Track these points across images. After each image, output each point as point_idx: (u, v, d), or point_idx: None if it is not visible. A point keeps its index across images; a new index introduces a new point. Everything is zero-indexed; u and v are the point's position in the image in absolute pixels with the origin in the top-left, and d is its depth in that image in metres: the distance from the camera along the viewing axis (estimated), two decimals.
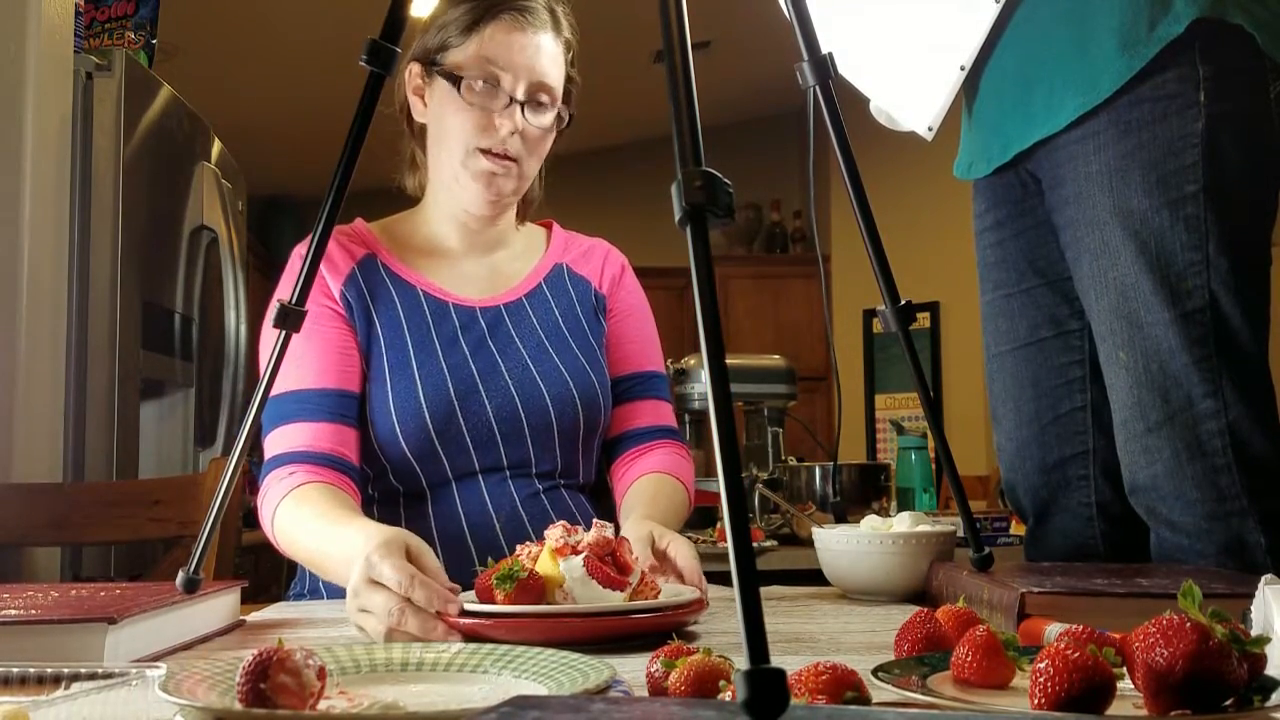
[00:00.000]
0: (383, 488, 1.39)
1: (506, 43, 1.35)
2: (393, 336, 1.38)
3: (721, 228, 0.65)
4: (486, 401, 1.37)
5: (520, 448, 1.39)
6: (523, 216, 1.52)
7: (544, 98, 1.37)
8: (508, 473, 1.39)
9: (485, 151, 1.36)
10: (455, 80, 1.35)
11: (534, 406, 1.39)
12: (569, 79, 1.42)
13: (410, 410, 1.34)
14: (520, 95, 1.36)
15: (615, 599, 0.96)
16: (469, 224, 1.46)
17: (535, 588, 0.96)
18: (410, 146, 1.48)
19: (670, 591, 1.04)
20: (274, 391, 1.30)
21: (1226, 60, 1.23)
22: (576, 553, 0.97)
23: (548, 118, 1.39)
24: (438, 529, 1.34)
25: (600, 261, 1.55)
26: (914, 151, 2.05)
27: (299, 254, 1.38)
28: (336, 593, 1.35)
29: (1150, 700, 0.60)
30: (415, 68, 1.41)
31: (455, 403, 1.36)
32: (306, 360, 1.35)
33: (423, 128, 1.44)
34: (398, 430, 1.34)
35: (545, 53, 1.37)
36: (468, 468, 1.37)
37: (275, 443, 1.34)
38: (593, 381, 1.44)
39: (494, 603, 0.96)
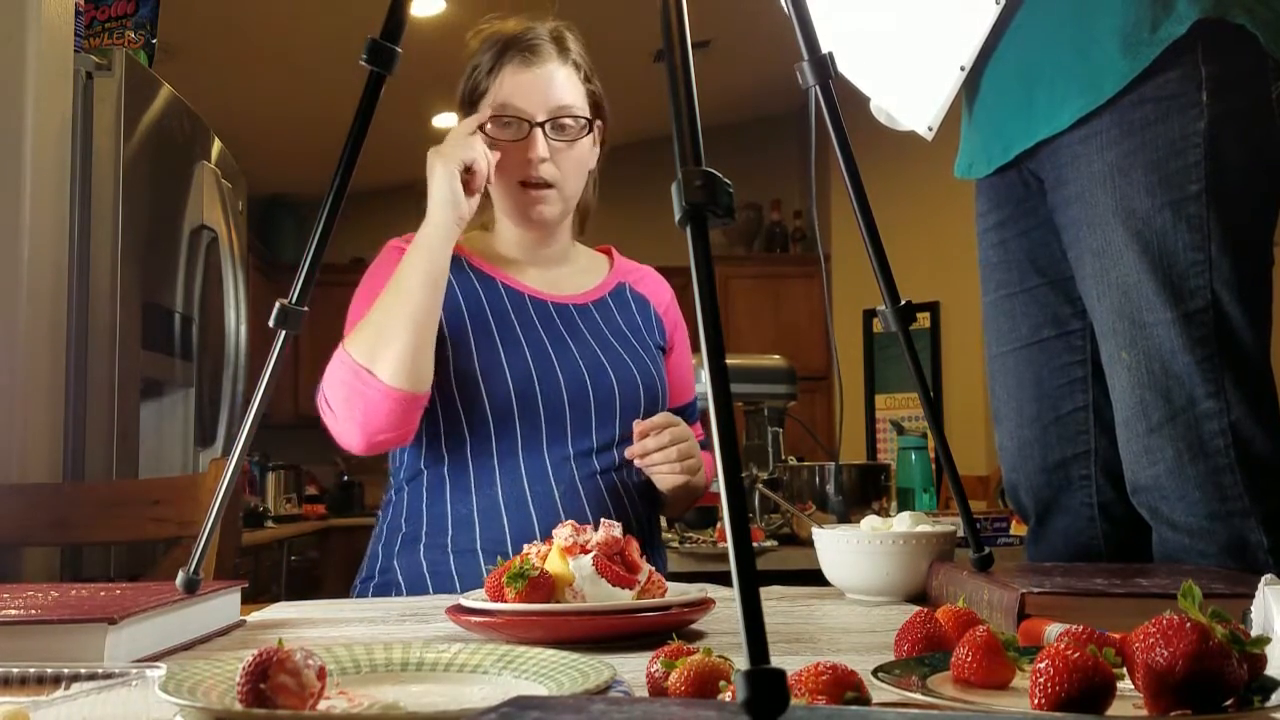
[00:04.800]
0: (455, 457, 1.47)
1: (517, 83, 1.50)
2: (476, 313, 1.51)
3: (721, 227, 0.65)
4: (560, 375, 1.48)
5: (585, 419, 1.49)
6: (580, 226, 1.65)
7: (566, 120, 1.51)
8: (570, 449, 1.47)
9: (524, 184, 1.50)
10: (482, 127, 1.49)
11: (601, 383, 1.51)
12: (590, 93, 1.56)
13: (496, 375, 1.46)
14: (540, 119, 1.49)
15: (624, 597, 0.97)
16: (530, 241, 1.58)
17: (546, 586, 0.97)
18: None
19: (677, 590, 1.05)
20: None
21: (1229, 60, 1.22)
22: (585, 551, 0.99)
23: (573, 133, 1.52)
24: (503, 496, 1.44)
25: (657, 285, 1.71)
26: (914, 151, 2.05)
27: (394, 246, 1.54)
28: (413, 586, 1.43)
29: (1150, 700, 0.60)
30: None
31: (533, 372, 1.47)
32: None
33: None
34: (483, 390, 1.45)
35: (557, 81, 1.51)
36: (536, 437, 1.47)
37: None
38: (654, 376, 1.57)
39: (505, 601, 0.96)
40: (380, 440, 1.41)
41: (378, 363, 1.36)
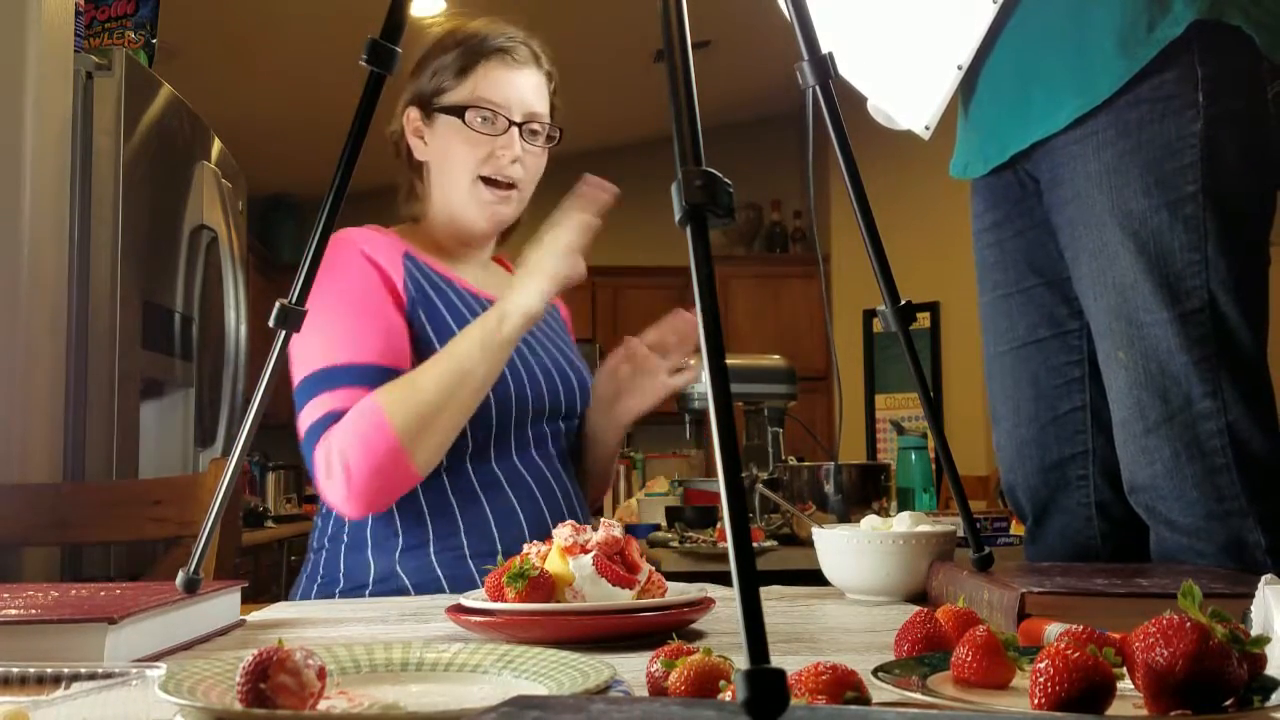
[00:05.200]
0: (454, 461, 1.44)
1: (498, 80, 1.51)
2: (457, 319, 1.48)
3: (721, 227, 0.65)
4: (540, 375, 1.51)
5: (558, 416, 1.54)
6: (505, 237, 1.66)
7: (536, 126, 1.54)
8: (557, 446, 1.53)
9: (487, 181, 1.51)
10: (460, 112, 1.49)
11: (567, 382, 1.56)
12: (553, 106, 1.59)
13: (497, 380, 1.44)
14: (517, 119, 1.51)
15: (624, 597, 0.97)
16: (469, 239, 1.58)
17: (546, 586, 0.97)
18: (408, 179, 1.60)
19: (677, 590, 1.05)
20: (332, 361, 1.39)
21: (1225, 61, 1.22)
22: (585, 551, 0.99)
23: (541, 141, 1.55)
24: (515, 496, 1.46)
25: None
26: (914, 151, 2.05)
27: (351, 244, 1.47)
28: (352, 584, 1.41)
29: (1150, 700, 0.60)
30: (413, 111, 1.55)
31: (523, 374, 1.49)
32: (370, 337, 1.41)
33: (420, 164, 1.57)
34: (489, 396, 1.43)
35: (531, 87, 1.54)
36: (524, 436, 1.49)
37: (334, 400, 1.37)
38: (587, 377, 1.63)
39: (505, 601, 0.96)
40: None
41: (419, 447, 1.34)
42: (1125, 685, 0.61)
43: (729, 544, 0.52)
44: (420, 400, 1.33)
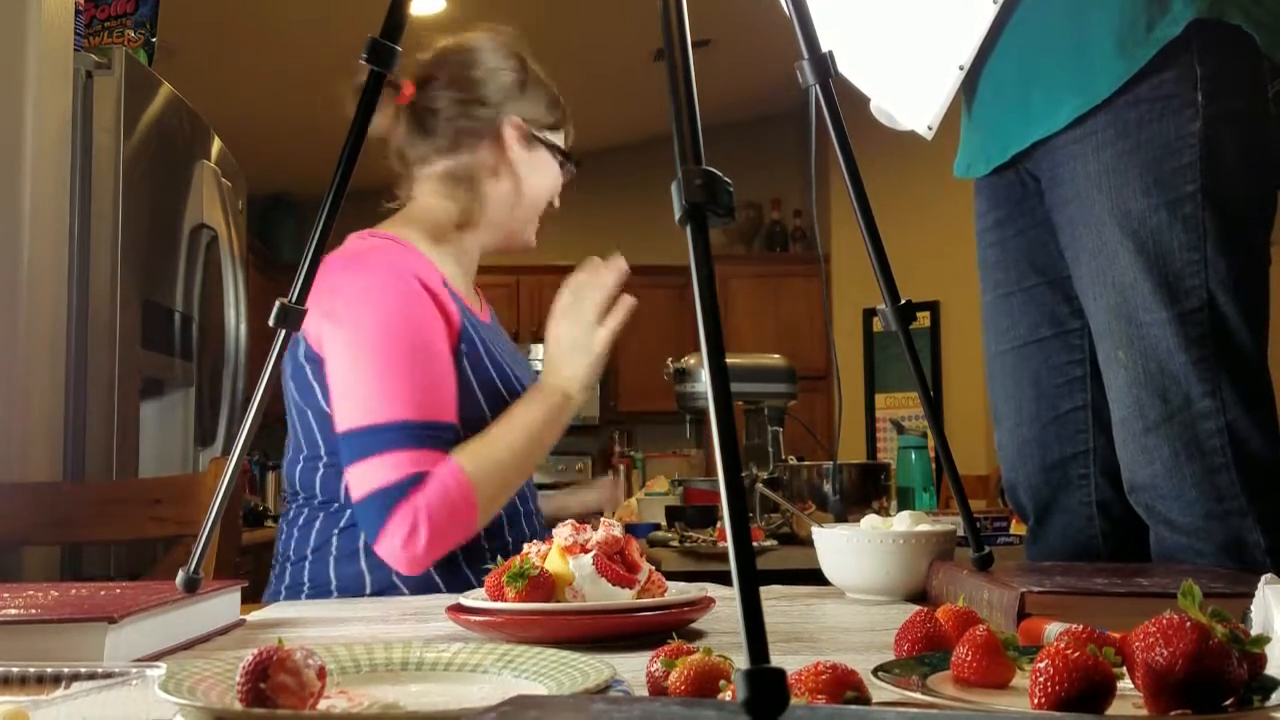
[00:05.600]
0: None
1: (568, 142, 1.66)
2: (494, 365, 1.51)
3: (722, 226, 0.65)
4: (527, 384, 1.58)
5: None
6: None
7: None
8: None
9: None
10: (573, 160, 1.63)
11: None
12: None
13: (504, 389, 1.50)
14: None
15: (624, 596, 0.98)
16: (479, 259, 1.65)
17: (546, 585, 0.97)
18: (466, 175, 1.56)
19: (677, 590, 1.05)
20: (413, 416, 1.34)
21: (1224, 60, 1.22)
22: (585, 551, 0.99)
23: None
24: (504, 506, 1.47)
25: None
26: (914, 151, 2.05)
27: (406, 275, 1.42)
28: (318, 590, 1.42)
29: (1150, 700, 0.60)
30: (520, 122, 1.57)
31: (506, 399, 1.50)
32: (447, 393, 1.41)
33: (486, 167, 1.57)
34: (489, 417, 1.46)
35: None
36: None
37: (418, 461, 1.33)
38: None
39: (505, 600, 0.96)
40: None
41: (487, 515, 1.38)
42: (1125, 685, 0.61)
43: (729, 543, 0.52)
44: (503, 472, 1.38)
